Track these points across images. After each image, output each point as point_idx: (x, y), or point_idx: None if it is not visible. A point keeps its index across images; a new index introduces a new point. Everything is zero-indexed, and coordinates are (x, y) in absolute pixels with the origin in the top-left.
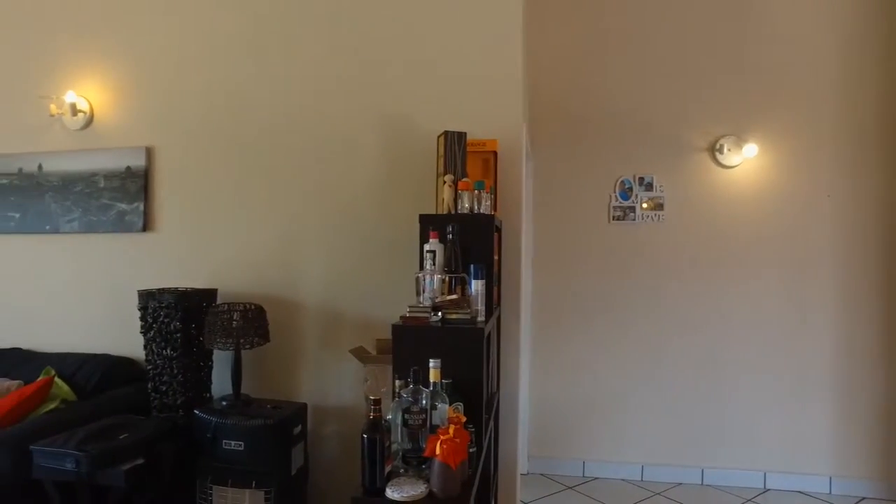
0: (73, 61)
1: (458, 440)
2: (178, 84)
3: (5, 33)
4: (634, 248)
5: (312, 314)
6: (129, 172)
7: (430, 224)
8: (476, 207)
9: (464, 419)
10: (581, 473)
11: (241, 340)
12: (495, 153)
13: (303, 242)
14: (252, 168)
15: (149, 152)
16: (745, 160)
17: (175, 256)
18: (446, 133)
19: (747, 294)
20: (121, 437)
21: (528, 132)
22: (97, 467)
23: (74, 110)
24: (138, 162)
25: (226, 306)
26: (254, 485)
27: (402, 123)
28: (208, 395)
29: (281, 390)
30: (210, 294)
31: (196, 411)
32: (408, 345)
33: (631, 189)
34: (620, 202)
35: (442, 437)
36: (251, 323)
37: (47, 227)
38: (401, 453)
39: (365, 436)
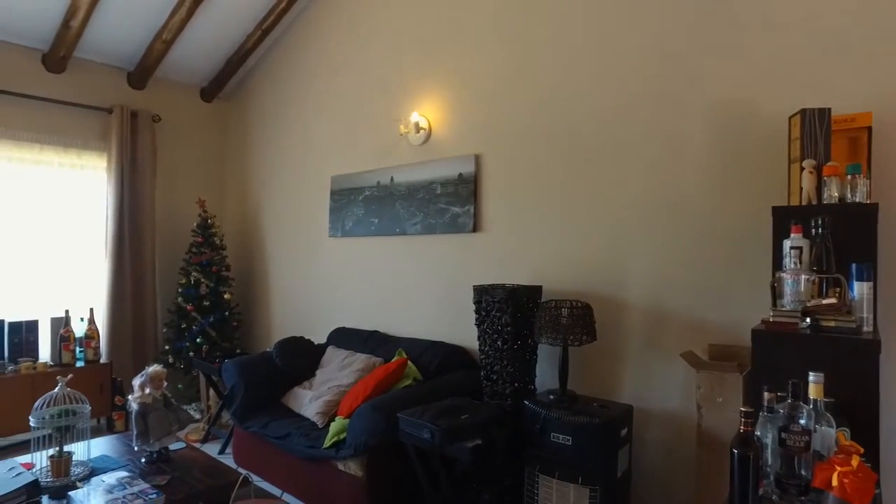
0: (416, 88)
1: (861, 475)
2: (501, 96)
3: (376, 72)
4: None
5: (637, 314)
6: (460, 179)
7: (790, 217)
8: (849, 195)
9: (862, 451)
10: None
11: (570, 337)
12: (869, 129)
13: (628, 240)
14: (574, 169)
15: (477, 160)
16: None
17: (501, 254)
18: (803, 111)
19: None
20: (462, 416)
21: None
22: (447, 440)
23: (417, 128)
24: (468, 169)
25: (553, 303)
26: (580, 481)
27: (738, 107)
28: (532, 387)
29: (603, 389)
30: (536, 291)
31: (525, 402)
32: (770, 353)
33: None
34: None
35: (840, 467)
36: (578, 320)
37: (397, 230)
38: (772, 476)
39: (735, 451)
